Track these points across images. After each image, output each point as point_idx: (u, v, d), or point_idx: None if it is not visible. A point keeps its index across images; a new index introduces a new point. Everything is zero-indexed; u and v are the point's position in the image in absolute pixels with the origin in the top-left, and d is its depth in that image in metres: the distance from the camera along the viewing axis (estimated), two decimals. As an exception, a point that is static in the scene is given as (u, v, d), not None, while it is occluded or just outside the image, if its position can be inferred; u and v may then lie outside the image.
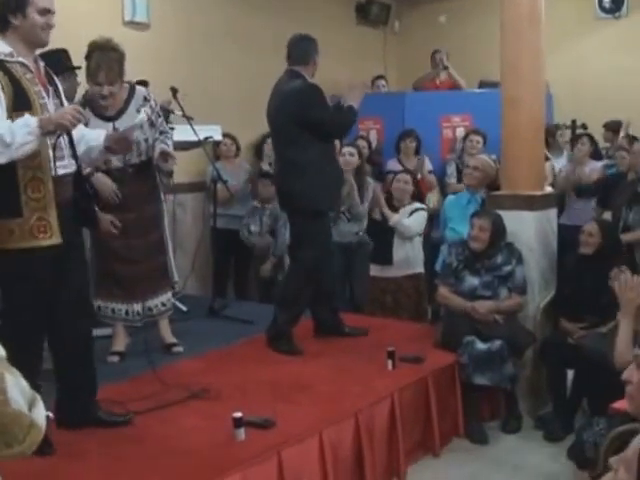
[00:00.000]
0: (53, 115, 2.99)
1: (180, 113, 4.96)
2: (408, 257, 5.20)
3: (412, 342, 4.48)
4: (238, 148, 6.54)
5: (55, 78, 3.26)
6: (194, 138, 4.89)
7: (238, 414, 3.21)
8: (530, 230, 4.62)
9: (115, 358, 4.28)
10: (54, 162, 3.06)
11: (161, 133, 4.27)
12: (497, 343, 4.16)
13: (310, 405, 3.61)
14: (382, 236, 5.19)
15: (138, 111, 4.13)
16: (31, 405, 1.50)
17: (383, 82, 7.88)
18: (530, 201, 4.65)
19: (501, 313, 4.37)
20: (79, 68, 4.40)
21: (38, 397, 1.53)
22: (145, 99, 4.19)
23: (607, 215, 5.25)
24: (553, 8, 4.98)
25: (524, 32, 4.67)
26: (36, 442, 1.49)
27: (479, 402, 4.32)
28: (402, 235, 5.16)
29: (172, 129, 4.81)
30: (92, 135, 3.36)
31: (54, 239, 3.07)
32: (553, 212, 4.86)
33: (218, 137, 5.65)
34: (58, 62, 4.11)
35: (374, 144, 6.86)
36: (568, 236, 4.92)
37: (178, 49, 6.37)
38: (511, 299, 4.43)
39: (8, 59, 3.01)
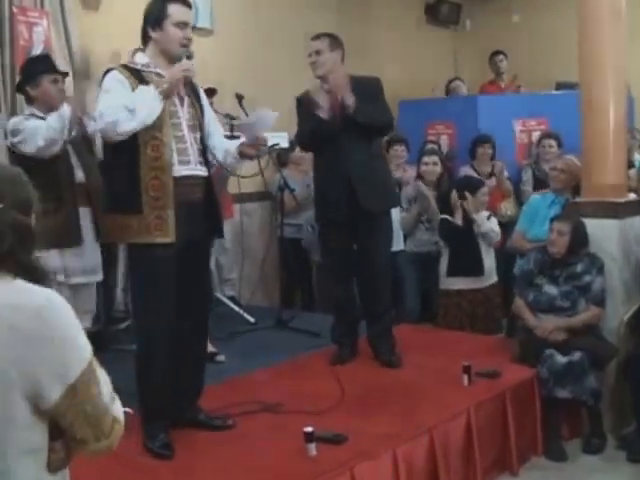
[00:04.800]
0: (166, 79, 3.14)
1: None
2: (491, 267, 5.05)
3: (488, 356, 4.33)
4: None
5: (199, 90, 3.44)
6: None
7: (309, 429, 3.14)
8: (613, 239, 4.42)
9: None
10: (176, 165, 3.20)
11: None
12: (577, 355, 4.02)
13: (383, 420, 3.51)
14: (465, 245, 5.00)
15: None
16: (112, 401, 1.60)
17: (459, 82, 7.68)
18: (613, 208, 4.45)
19: (575, 329, 4.19)
20: (66, 75, 4.31)
21: (115, 395, 1.63)
22: None
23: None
24: (632, 4, 4.77)
25: (605, 28, 4.47)
26: (119, 437, 1.59)
27: (559, 419, 4.15)
28: (490, 240, 5.00)
29: (237, 137, 4.74)
30: (230, 143, 3.52)
31: (168, 237, 3.17)
32: (638, 220, 4.64)
33: (285, 144, 5.58)
34: (38, 67, 4.08)
35: (445, 150, 6.70)
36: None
37: (243, 55, 6.32)
38: (587, 311, 4.26)
39: (144, 69, 3.23)
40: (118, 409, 1.61)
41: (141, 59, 3.24)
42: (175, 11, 3.20)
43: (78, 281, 3.96)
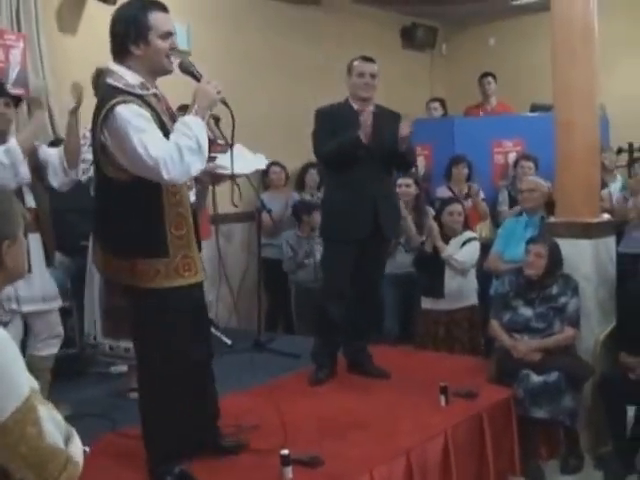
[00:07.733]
0: (197, 100, 2.95)
1: (222, 142, 4.87)
2: (461, 289, 5.05)
3: (465, 377, 4.33)
4: (287, 177, 6.47)
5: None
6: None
7: (285, 451, 3.11)
8: (587, 259, 4.47)
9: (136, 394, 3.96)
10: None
11: None
12: (553, 375, 4.02)
13: (359, 442, 3.49)
14: (432, 268, 5.05)
15: None
16: (67, 440, 1.50)
17: (436, 105, 7.67)
18: (587, 229, 4.49)
19: (549, 350, 4.21)
20: (20, 100, 4.16)
21: (74, 431, 1.53)
22: None
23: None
24: (607, 25, 4.81)
25: (577, 51, 4.54)
26: (74, 478, 1.49)
27: (536, 439, 4.15)
28: (453, 267, 5.03)
29: (215, 158, 4.71)
30: None
31: (198, 276, 3.04)
32: (611, 240, 4.69)
33: (262, 166, 5.57)
34: None
35: (422, 171, 6.74)
36: (628, 265, 4.74)
37: (220, 76, 6.25)
38: (561, 332, 4.27)
39: (145, 92, 2.93)
40: (76, 448, 1.52)
41: (134, 79, 2.91)
42: (158, 21, 2.90)
43: (30, 309, 3.77)
